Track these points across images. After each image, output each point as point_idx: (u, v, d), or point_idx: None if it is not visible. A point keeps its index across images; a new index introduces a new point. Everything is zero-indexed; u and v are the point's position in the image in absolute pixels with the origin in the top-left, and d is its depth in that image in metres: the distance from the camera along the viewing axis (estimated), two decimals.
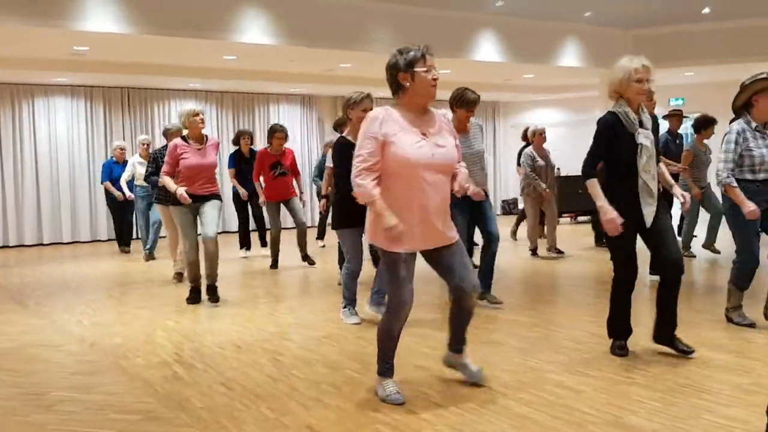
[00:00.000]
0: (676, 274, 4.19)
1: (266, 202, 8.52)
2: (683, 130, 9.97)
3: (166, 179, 6.28)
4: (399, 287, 3.49)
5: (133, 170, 10.02)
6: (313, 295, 6.88)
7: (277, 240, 8.64)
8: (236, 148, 9.67)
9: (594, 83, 15.62)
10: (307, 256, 8.73)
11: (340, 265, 6.97)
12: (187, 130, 6.37)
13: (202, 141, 6.37)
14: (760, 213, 4.77)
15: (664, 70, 14.40)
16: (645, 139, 4.09)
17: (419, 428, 3.24)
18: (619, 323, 4.39)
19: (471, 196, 3.62)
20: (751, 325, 4.93)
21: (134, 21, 9.55)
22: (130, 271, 9.02)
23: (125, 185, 10.38)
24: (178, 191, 6.07)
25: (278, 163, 8.48)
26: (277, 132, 8.48)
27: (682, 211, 5.50)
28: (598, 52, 14.22)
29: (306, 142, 15.15)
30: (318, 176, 10.09)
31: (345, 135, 5.54)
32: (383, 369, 3.69)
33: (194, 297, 6.50)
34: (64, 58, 11.14)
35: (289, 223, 11.69)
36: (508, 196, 18.05)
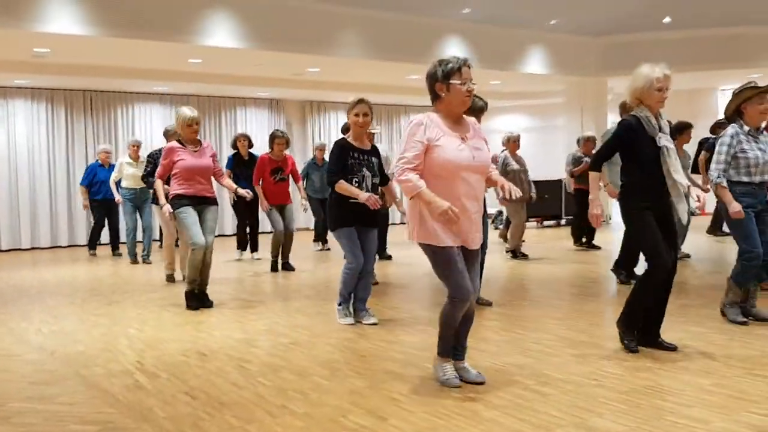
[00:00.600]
0: (670, 275, 4.37)
1: (270, 208, 8.59)
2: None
3: (158, 185, 6.41)
4: (460, 280, 3.63)
5: (121, 171, 9.96)
6: (281, 300, 6.82)
7: (279, 242, 8.74)
8: (234, 151, 9.69)
9: (560, 90, 15.84)
10: (287, 263, 8.78)
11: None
12: (181, 134, 6.46)
13: (197, 145, 6.46)
14: (754, 216, 4.95)
15: (627, 78, 14.61)
16: (667, 142, 4.31)
17: None
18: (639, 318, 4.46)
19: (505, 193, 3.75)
20: (743, 323, 5.06)
21: (97, 23, 9.41)
22: (92, 277, 8.85)
23: (114, 186, 10.25)
24: (164, 208, 6.35)
25: (279, 169, 8.64)
26: (277, 138, 8.64)
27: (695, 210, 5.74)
28: (564, 59, 14.41)
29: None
30: (304, 179, 10.18)
31: (346, 137, 5.56)
32: (443, 349, 3.85)
33: (196, 302, 6.38)
34: (24, 59, 10.92)
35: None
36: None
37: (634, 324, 4.45)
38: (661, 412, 3.36)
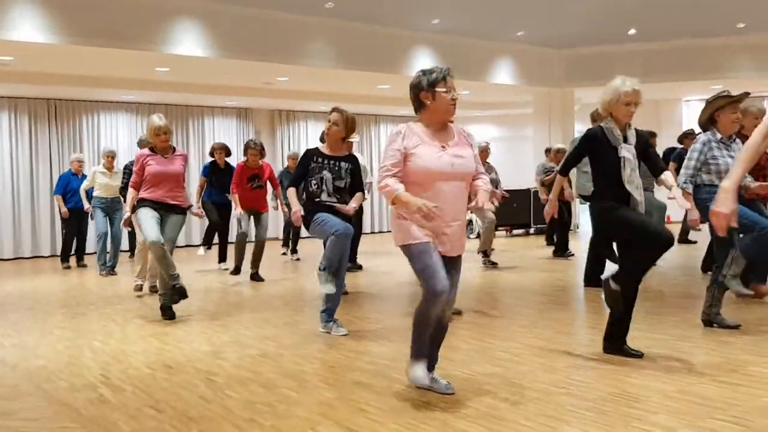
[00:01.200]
0: (637, 282, 4.47)
1: (242, 212, 8.65)
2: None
3: (130, 193, 6.36)
4: (432, 275, 3.59)
5: (93, 180, 9.87)
6: (249, 311, 6.76)
7: (243, 246, 8.85)
8: (212, 159, 9.70)
9: (528, 100, 16.01)
10: (256, 274, 8.77)
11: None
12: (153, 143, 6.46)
13: (168, 152, 6.43)
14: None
15: (593, 88, 14.84)
16: (627, 153, 4.44)
17: None
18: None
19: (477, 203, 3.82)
20: (736, 327, 5.17)
21: (62, 31, 9.28)
22: (56, 289, 8.68)
23: (84, 195, 10.13)
24: (125, 218, 6.48)
25: (256, 176, 8.76)
26: (249, 148, 8.79)
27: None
28: (531, 70, 14.58)
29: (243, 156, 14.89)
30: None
31: (319, 146, 5.68)
32: (416, 352, 3.81)
33: (170, 311, 6.31)
34: None
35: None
36: None
37: (638, 275, 4.46)
38: (627, 419, 3.39)
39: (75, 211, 10.58)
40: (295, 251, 11.10)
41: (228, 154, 9.71)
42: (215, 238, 10.05)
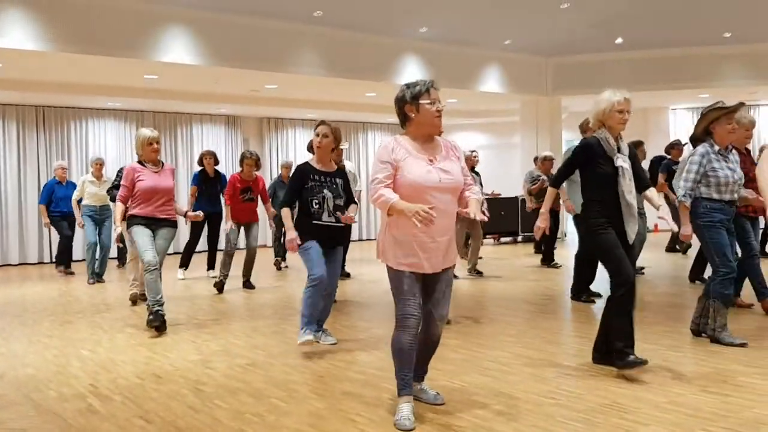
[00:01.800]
0: (626, 289, 4.39)
1: (233, 226, 8.59)
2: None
3: (119, 206, 6.29)
4: (404, 301, 3.62)
5: (83, 189, 9.82)
6: (238, 320, 6.73)
7: (230, 261, 8.74)
8: (201, 168, 9.63)
9: (515, 108, 16.08)
10: (248, 282, 8.79)
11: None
12: (141, 154, 6.39)
13: (158, 165, 6.39)
14: (726, 233, 5.05)
15: (580, 97, 14.96)
16: (624, 162, 4.45)
17: None
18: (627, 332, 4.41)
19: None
20: (742, 345, 5.05)
21: (51, 38, 9.24)
22: (44, 297, 8.61)
23: (76, 205, 10.04)
24: (116, 231, 6.32)
25: (249, 189, 8.71)
26: (246, 158, 8.70)
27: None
28: (518, 78, 14.65)
29: (231, 164, 14.87)
30: (272, 196, 10.12)
31: (309, 161, 5.48)
32: (400, 386, 3.69)
33: (159, 326, 6.13)
34: None
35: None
36: None
37: (628, 342, 4.35)
38: (618, 430, 3.40)
39: (65, 216, 10.49)
40: (284, 258, 11.07)
41: (216, 162, 9.68)
42: (189, 254, 9.91)
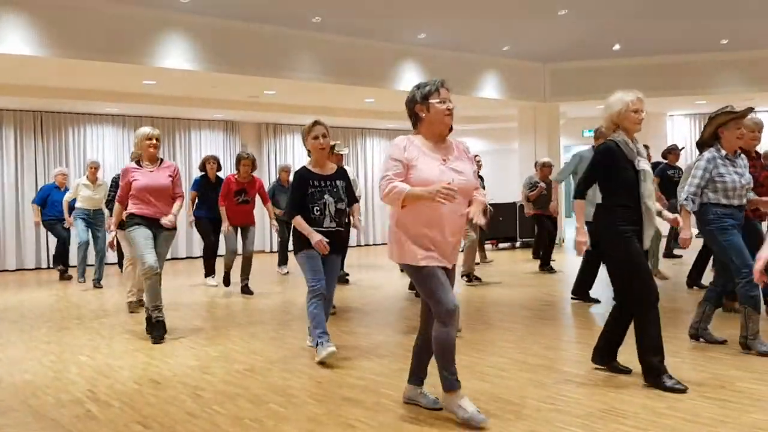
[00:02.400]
0: (649, 303, 4.32)
1: (230, 229, 8.65)
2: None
3: (117, 208, 6.26)
4: (443, 296, 3.59)
5: (76, 192, 9.76)
6: (236, 326, 6.72)
7: (229, 263, 8.90)
8: (203, 173, 9.62)
9: (513, 114, 16.12)
10: (246, 287, 8.77)
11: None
12: (141, 152, 6.34)
13: (155, 163, 6.31)
14: (740, 237, 5.01)
15: (578, 103, 15.00)
16: (645, 165, 4.33)
17: None
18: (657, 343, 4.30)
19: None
20: (723, 342, 5.07)
21: (49, 43, 9.25)
22: (41, 302, 8.59)
23: (66, 207, 10.04)
24: (109, 234, 6.25)
25: (243, 191, 8.70)
26: (243, 159, 8.69)
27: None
28: (516, 84, 14.69)
29: (230, 169, 14.86)
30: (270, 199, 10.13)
31: (307, 165, 5.34)
32: (451, 383, 3.66)
33: (161, 332, 6.06)
34: None
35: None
36: None
37: (661, 357, 4.25)
38: None
39: (61, 219, 10.48)
40: (285, 264, 11.02)
41: (219, 168, 9.68)
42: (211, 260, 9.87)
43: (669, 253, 11.64)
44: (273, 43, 11.23)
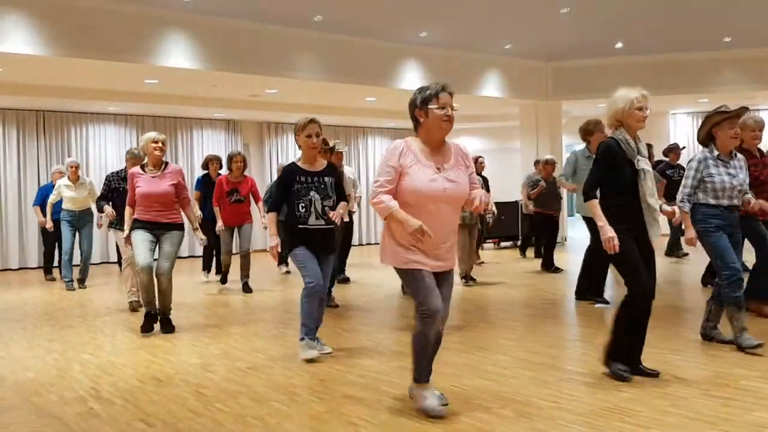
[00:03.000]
0: (651, 300, 4.33)
1: (223, 227, 8.75)
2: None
3: (127, 211, 6.34)
4: (427, 297, 3.64)
5: (59, 193, 9.47)
6: (238, 324, 6.73)
7: (228, 261, 9.01)
8: (205, 172, 9.66)
9: (515, 113, 16.10)
10: (246, 285, 8.84)
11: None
12: (146, 157, 6.39)
13: (159, 168, 6.35)
14: (728, 239, 4.99)
15: (580, 101, 14.98)
16: (645, 165, 4.29)
17: None
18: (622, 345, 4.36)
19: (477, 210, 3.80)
20: (760, 345, 4.98)
21: (51, 42, 9.25)
22: (44, 301, 8.61)
23: (50, 209, 9.74)
24: (119, 242, 6.36)
25: (235, 190, 8.75)
26: (234, 157, 8.78)
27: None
28: (518, 83, 14.68)
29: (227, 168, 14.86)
30: (269, 200, 10.10)
31: (296, 161, 5.31)
32: (419, 374, 3.82)
33: (148, 325, 6.25)
34: None
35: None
36: None
37: (619, 353, 4.37)
38: None
39: (57, 222, 10.30)
40: (285, 263, 11.03)
41: (221, 167, 9.68)
42: (210, 257, 9.99)
43: (671, 252, 11.61)
44: (274, 42, 11.23)
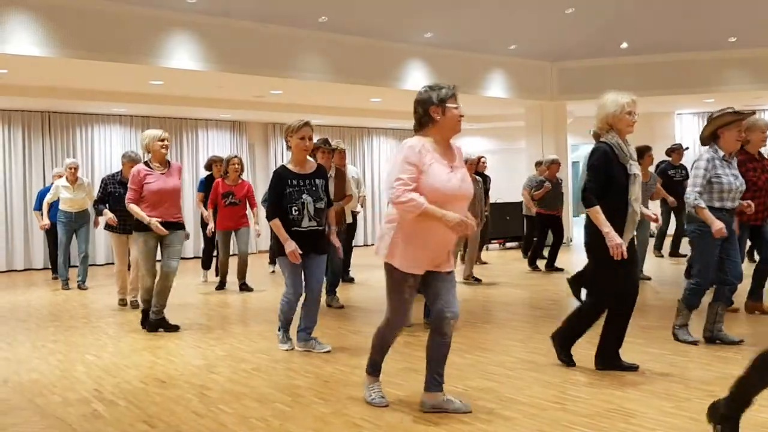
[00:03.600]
0: (633, 301, 4.47)
1: (216, 230, 8.82)
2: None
3: (134, 207, 6.23)
4: (401, 306, 3.78)
5: (56, 194, 9.42)
6: (241, 325, 6.73)
7: (225, 265, 9.07)
8: (209, 173, 9.69)
9: (520, 113, 16.07)
10: (244, 284, 8.88)
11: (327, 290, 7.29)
12: (149, 155, 6.36)
13: (165, 165, 6.37)
14: (718, 247, 5.01)
15: (585, 102, 14.93)
16: (637, 169, 4.33)
17: None
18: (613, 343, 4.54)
19: None
20: (694, 343, 5.15)
21: (56, 43, 9.27)
22: (48, 302, 8.62)
23: (46, 209, 9.64)
24: (152, 222, 6.11)
25: (230, 193, 8.82)
26: (231, 160, 8.88)
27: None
28: (523, 83, 14.64)
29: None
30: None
31: (286, 164, 5.35)
32: (371, 369, 4.03)
33: (154, 322, 6.34)
34: None
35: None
36: None
37: (570, 343, 4.66)
38: None
39: (55, 224, 10.26)
40: (275, 263, 10.99)
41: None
42: (209, 257, 10.03)
43: (675, 252, 11.55)
44: (279, 43, 11.23)
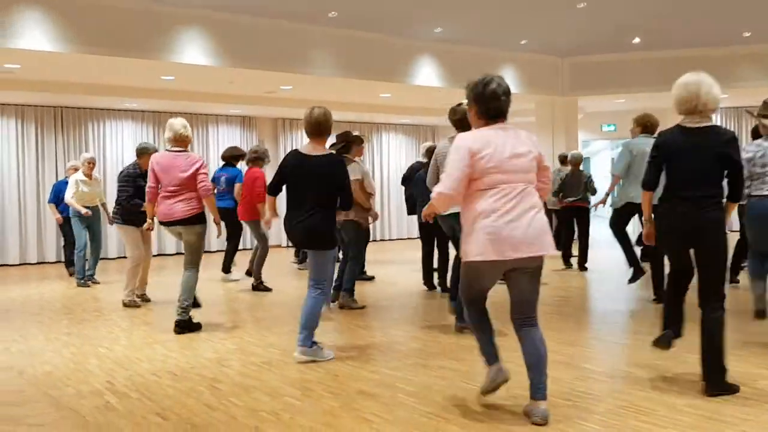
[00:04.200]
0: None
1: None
2: None
3: (149, 204, 6.27)
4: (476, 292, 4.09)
5: (77, 188, 9.23)
6: (252, 319, 6.76)
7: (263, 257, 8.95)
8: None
9: (531, 109, 16.03)
10: (261, 283, 8.70)
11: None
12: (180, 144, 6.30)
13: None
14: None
15: (597, 97, 14.87)
16: None
17: None
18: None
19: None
20: None
21: (68, 39, 9.32)
22: (61, 295, 8.69)
23: (73, 203, 9.27)
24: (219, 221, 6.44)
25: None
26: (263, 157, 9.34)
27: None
28: (534, 78, 14.60)
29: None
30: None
31: (300, 148, 5.14)
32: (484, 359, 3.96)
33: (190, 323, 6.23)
34: None
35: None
36: None
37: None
38: None
39: (69, 218, 10.22)
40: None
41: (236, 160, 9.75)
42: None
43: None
44: (289, 39, 11.25)
